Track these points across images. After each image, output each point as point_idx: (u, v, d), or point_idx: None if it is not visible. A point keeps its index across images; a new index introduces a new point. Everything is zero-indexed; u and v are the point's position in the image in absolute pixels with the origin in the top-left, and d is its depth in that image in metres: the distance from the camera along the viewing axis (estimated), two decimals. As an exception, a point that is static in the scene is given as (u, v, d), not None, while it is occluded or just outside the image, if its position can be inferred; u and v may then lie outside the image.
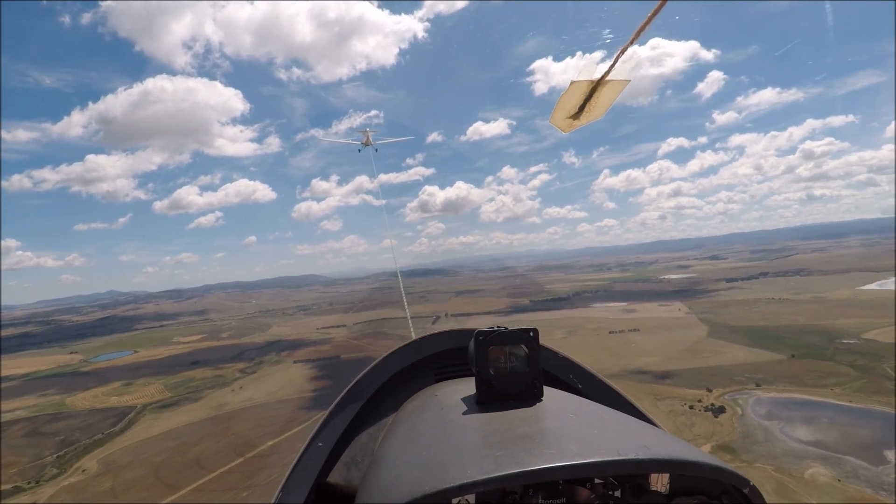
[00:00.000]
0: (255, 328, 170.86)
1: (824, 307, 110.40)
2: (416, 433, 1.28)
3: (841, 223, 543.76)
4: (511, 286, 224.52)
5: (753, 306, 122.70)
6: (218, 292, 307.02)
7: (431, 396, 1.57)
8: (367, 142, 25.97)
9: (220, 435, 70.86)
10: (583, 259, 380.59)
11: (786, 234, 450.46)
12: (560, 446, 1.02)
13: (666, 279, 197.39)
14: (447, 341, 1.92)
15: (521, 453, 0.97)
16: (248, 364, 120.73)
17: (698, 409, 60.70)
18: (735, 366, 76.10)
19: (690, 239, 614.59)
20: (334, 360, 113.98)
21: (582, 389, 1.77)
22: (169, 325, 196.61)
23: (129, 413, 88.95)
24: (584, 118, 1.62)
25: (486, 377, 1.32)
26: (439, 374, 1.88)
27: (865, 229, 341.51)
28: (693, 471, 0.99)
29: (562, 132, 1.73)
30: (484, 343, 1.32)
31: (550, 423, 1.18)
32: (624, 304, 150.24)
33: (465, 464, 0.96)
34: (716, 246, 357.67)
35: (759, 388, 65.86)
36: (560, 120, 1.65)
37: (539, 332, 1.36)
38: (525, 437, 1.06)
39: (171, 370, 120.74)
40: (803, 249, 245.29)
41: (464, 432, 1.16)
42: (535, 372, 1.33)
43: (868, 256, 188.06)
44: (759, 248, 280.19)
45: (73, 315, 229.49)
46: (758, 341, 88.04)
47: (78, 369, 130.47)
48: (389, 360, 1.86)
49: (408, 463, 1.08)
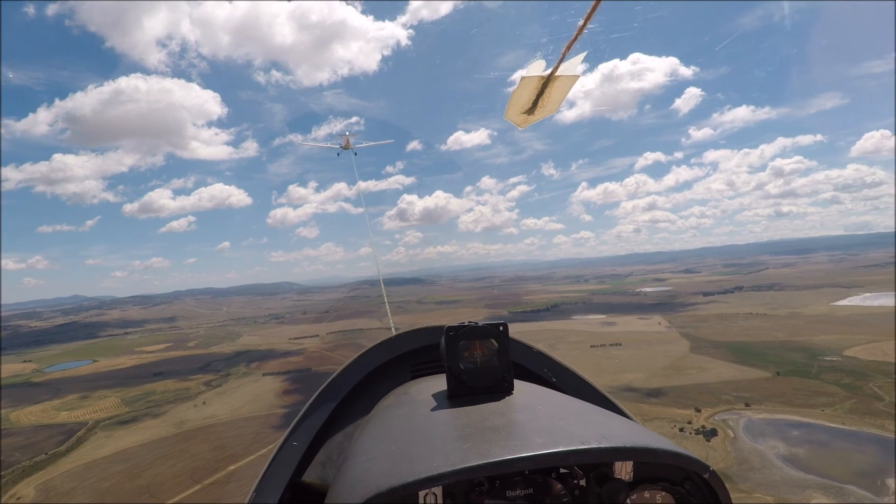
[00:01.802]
0: (224, 337, 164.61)
1: (802, 322, 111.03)
2: (387, 429, 1.29)
3: (806, 239, 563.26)
4: (489, 296, 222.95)
5: (732, 321, 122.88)
6: (188, 299, 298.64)
7: (404, 394, 1.59)
8: (347, 145, 25.53)
9: (176, 457, 65.03)
10: (559, 270, 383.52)
11: (755, 248, 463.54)
12: (525, 437, 1.04)
13: (643, 292, 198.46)
14: (422, 339, 1.92)
15: (486, 445, 0.99)
16: (215, 376, 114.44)
17: (689, 432, 58.33)
18: (721, 383, 74.44)
19: (664, 252, 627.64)
20: (305, 373, 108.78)
21: (556, 383, 1.80)
22: (133, 333, 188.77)
23: (79, 430, 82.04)
24: (538, 113, 1.65)
25: (456, 372, 1.33)
26: (415, 371, 1.88)
27: (831, 245, 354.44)
28: (653, 458, 1.02)
29: (518, 128, 1.73)
30: (454, 338, 1.33)
31: (519, 415, 1.20)
32: (603, 317, 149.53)
33: (431, 457, 0.97)
34: (689, 259, 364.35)
35: (748, 409, 64.06)
36: (515, 115, 1.68)
37: (508, 326, 1.37)
38: (492, 429, 1.08)
39: (130, 382, 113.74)
40: (774, 264, 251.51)
41: (433, 426, 1.18)
42: (506, 366, 1.35)
43: (836, 272, 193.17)
44: (731, 262, 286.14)
45: (33, 320, 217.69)
46: (741, 358, 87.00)
47: (29, 380, 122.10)
48: (364, 359, 1.86)
49: (376, 458, 1.09)
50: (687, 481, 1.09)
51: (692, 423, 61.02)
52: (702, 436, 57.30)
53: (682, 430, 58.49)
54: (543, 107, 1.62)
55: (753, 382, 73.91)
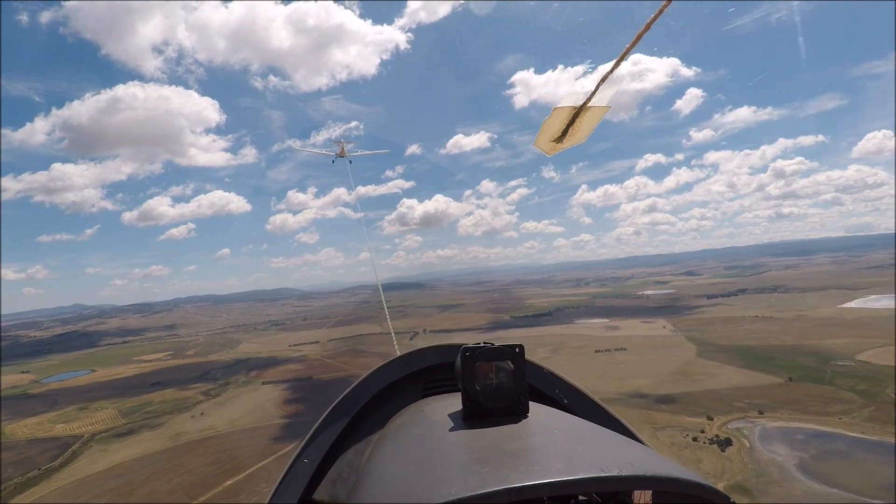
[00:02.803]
0: (223, 345, 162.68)
1: (809, 326, 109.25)
2: (401, 449, 1.29)
3: (807, 241, 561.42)
4: (490, 301, 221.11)
5: (738, 324, 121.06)
6: (188, 306, 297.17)
7: (418, 412, 1.58)
8: (342, 153, 25.38)
9: (172, 472, 62.95)
10: (559, 273, 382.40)
11: (756, 250, 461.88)
12: (544, 463, 1.02)
13: (645, 295, 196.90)
14: (434, 357, 1.91)
15: (505, 470, 0.98)
16: (213, 385, 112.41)
17: (703, 441, 56.36)
18: (732, 389, 72.53)
19: (664, 255, 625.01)
20: (306, 382, 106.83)
21: (568, 404, 1.79)
22: (133, 342, 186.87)
23: (74, 444, 79.96)
24: (567, 142, 1.68)
25: (472, 393, 1.33)
26: (427, 389, 1.87)
27: (832, 247, 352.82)
28: (675, 487, 1.00)
29: (546, 155, 1.77)
30: (470, 359, 1.33)
31: (536, 439, 1.19)
32: (606, 321, 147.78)
33: (450, 480, 0.96)
34: (689, 262, 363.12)
35: (762, 416, 62.03)
36: (544, 143, 1.71)
37: (525, 348, 1.38)
38: (510, 453, 1.07)
39: (128, 392, 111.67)
40: (775, 266, 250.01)
41: (449, 448, 1.17)
42: (521, 388, 1.35)
43: (840, 274, 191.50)
44: (732, 265, 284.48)
45: (33, 330, 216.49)
46: (750, 362, 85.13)
47: (27, 391, 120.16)
48: (376, 376, 1.85)
49: (393, 479, 1.08)
50: None
51: (705, 431, 59.02)
52: (716, 445, 55.22)
53: (695, 439, 56.54)
54: (573, 135, 1.65)
55: (765, 388, 71.96)
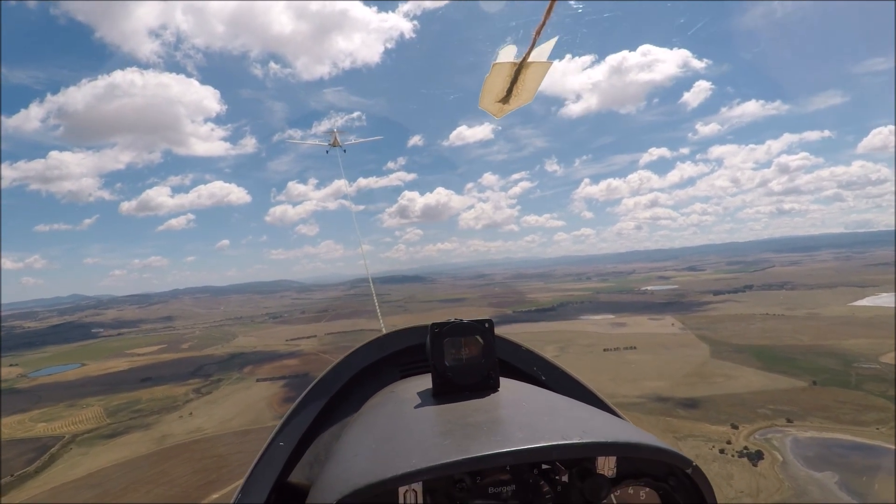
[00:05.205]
0: (219, 338, 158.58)
1: (824, 325, 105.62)
2: (370, 428, 1.30)
3: (808, 237, 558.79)
4: (492, 295, 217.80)
5: (749, 322, 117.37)
6: (186, 297, 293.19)
7: (390, 392, 1.60)
8: (335, 143, 25.46)
9: (153, 481, 58.58)
10: (560, 268, 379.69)
11: (757, 246, 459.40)
12: (507, 433, 1.04)
13: (649, 290, 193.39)
14: (412, 337, 1.89)
15: (467, 441, 0.99)
16: (205, 382, 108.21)
17: (730, 454, 52.19)
18: (753, 394, 68.45)
19: (664, 249, 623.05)
20: (302, 379, 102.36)
21: (546, 381, 1.79)
22: (127, 334, 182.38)
23: (53, 446, 75.56)
24: (513, 102, 1.62)
25: (441, 369, 1.33)
26: (404, 370, 1.86)
27: (834, 243, 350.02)
28: (635, 452, 1.02)
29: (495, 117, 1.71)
30: (439, 335, 1.33)
31: (502, 411, 1.21)
32: (612, 317, 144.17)
33: (411, 454, 0.97)
34: (691, 257, 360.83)
35: (791, 425, 57.99)
36: (489, 104, 1.65)
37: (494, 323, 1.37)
38: (474, 425, 1.09)
39: (116, 388, 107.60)
40: (779, 262, 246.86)
41: (416, 424, 1.18)
42: (492, 363, 1.35)
43: (846, 270, 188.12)
44: (735, 260, 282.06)
45: (28, 321, 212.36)
46: (769, 364, 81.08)
47: (13, 386, 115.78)
48: (353, 358, 1.84)
49: (358, 456, 1.10)
50: (671, 477, 1.09)
51: (731, 442, 54.91)
52: (746, 459, 51.06)
53: (722, 451, 52.31)
54: (518, 95, 1.58)
55: (789, 393, 67.95)
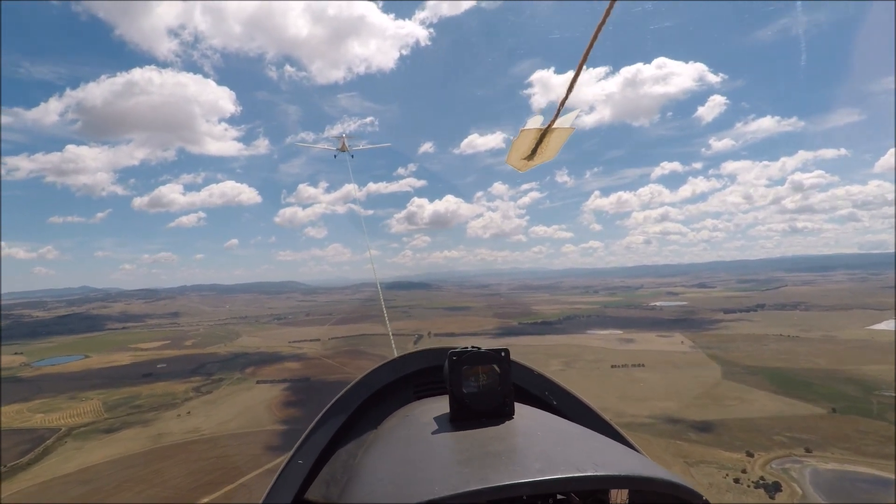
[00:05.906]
0: (223, 337, 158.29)
1: (841, 348, 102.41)
2: (390, 450, 1.34)
3: (821, 256, 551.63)
4: (497, 305, 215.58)
5: (762, 343, 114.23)
6: (192, 294, 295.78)
7: (408, 414, 1.66)
8: (343, 147, 25.60)
9: (146, 481, 56.98)
10: (567, 280, 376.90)
11: (769, 264, 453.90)
12: (524, 463, 1.06)
13: (658, 306, 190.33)
14: (426, 360, 1.99)
15: (487, 470, 1.02)
16: (205, 381, 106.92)
17: (746, 484, 49.50)
18: (769, 419, 65.63)
19: (673, 265, 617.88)
20: (302, 383, 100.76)
21: (557, 406, 1.84)
22: (133, 328, 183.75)
23: (49, 438, 74.45)
24: (537, 159, 1.83)
25: (459, 396, 1.38)
26: (418, 391, 1.94)
27: (848, 264, 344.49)
28: (648, 486, 1.04)
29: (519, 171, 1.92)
30: (457, 363, 1.38)
31: (518, 440, 1.24)
32: (620, 333, 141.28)
33: (433, 480, 1.00)
34: (700, 273, 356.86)
35: (811, 455, 55.10)
36: (516, 161, 1.86)
37: (510, 352, 1.42)
38: (492, 454, 1.12)
39: (117, 382, 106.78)
40: (791, 281, 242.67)
41: (435, 449, 1.22)
42: (507, 390, 1.40)
43: (862, 292, 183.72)
44: (746, 278, 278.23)
45: (37, 310, 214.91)
46: (784, 388, 78.17)
47: (15, 374, 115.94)
48: (370, 378, 1.93)
49: (379, 480, 1.14)
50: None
51: (747, 471, 52.14)
52: (762, 490, 48.43)
53: (737, 480, 49.55)
54: (542, 154, 1.80)
55: (807, 420, 64.99)
